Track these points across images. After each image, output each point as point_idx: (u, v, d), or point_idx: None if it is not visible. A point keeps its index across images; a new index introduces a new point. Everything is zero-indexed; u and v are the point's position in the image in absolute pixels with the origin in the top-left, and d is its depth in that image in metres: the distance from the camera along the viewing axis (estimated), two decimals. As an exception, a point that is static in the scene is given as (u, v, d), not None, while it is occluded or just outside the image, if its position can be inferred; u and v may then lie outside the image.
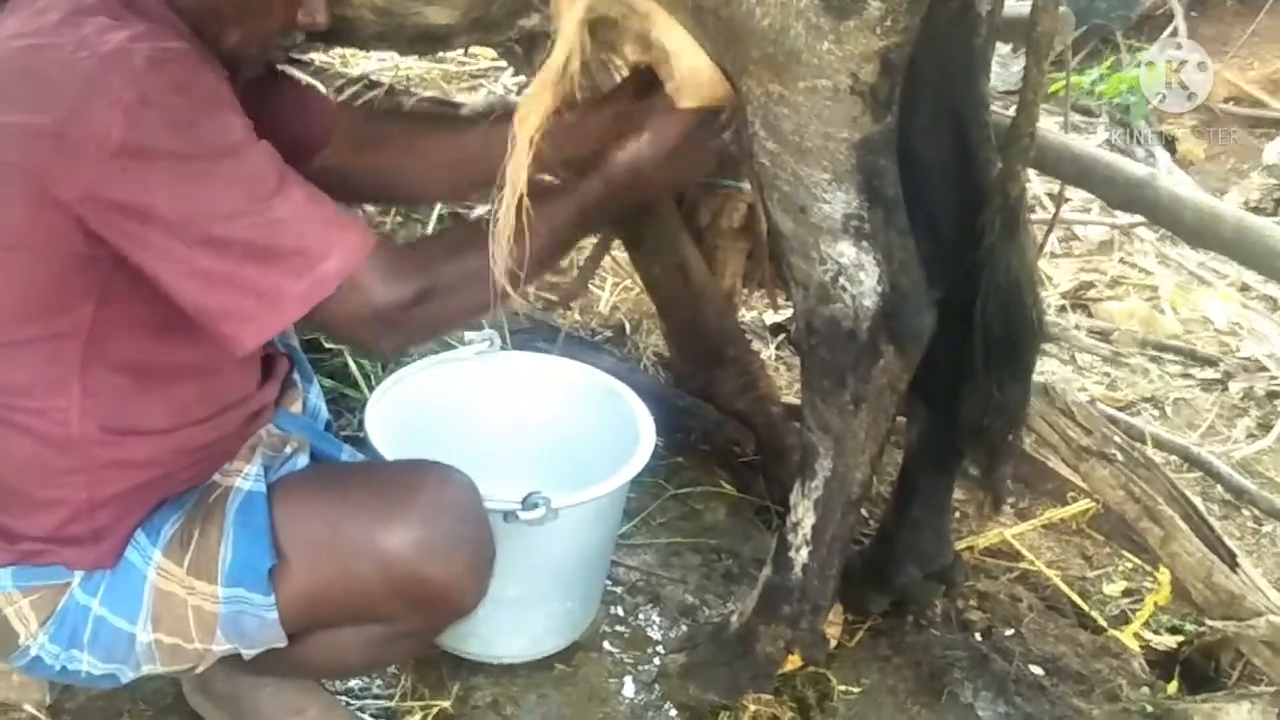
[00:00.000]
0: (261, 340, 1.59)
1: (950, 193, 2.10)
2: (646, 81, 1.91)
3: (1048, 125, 3.50)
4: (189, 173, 1.50)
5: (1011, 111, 1.97)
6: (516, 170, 1.74)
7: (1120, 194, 2.21)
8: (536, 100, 1.75)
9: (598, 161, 1.85)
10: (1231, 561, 2.39)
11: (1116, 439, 2.56)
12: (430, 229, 3.41)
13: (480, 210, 3.37)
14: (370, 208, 3.33)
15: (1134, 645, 2.50)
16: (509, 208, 1.72)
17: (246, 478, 1.78)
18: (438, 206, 3.42)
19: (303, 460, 1.86)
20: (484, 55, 4.21)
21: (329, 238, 1.57)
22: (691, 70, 1.82)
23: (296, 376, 2.07)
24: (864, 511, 2.47)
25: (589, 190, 1.83)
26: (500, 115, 2.39)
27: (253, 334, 1.57)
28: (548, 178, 1.86)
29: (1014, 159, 1.97)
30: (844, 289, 1.91)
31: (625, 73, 2.00)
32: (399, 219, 3.47)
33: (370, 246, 1.59)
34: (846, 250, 1.89)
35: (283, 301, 1.55)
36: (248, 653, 1.78)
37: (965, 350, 2.11)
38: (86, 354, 1.63)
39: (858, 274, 1.90)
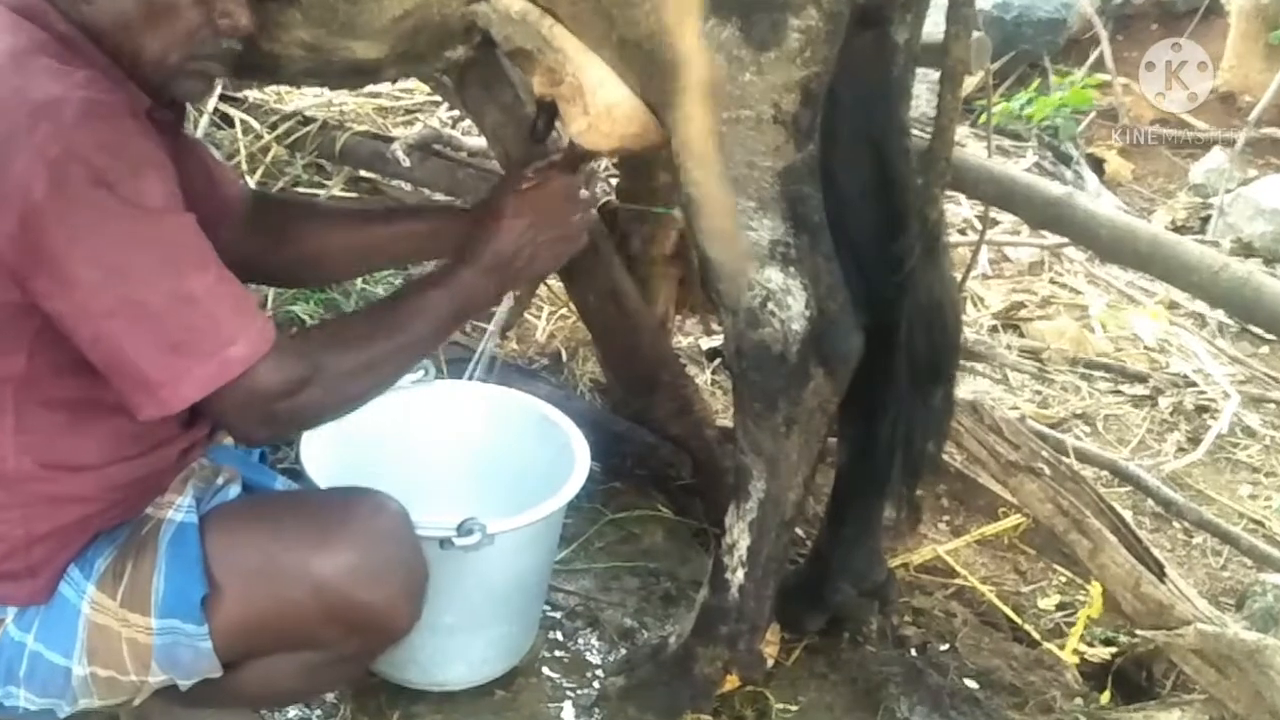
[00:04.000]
0: (161, 414, 1.58)
1: (873, 219, 2.13)
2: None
3: (975, 150, 3.56)
4: (108, 233, 1.50)
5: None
6: None
7: (1039, 213, 2.26)
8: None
9: (467, 253, 1.89)
10: (1159, 572, 2.44)
11: (1044, 454, 2.61)
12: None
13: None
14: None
15: (1070, 659, 2.54)
16: None
17: (178, 509, 1.79)
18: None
19: (234, 491, 1.87)
20: (419, 90, 4.23)
21: (237, 323, 1.58)
22: (608, 106, 1.85)
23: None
24: (799, 531, 2.50)
25: (462, 281, 1.86)
26: (397, 210, 2.48)
27: (154, 406, 1.57)
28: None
29: (932, 183, 2.02)
30: (772, 314, 1.94)
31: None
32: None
33: (273, 337, 1.60)
34: (774, 276, 1.93)
35: (186, 381, 1.55)
36: (184, 683, 1.78)
37: (889, 370, 2.15)
38: (20, 395, 1.63)
39: (785, 299, 1.94)
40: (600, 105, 1.86)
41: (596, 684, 2.32)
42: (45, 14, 1.60)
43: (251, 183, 3.61)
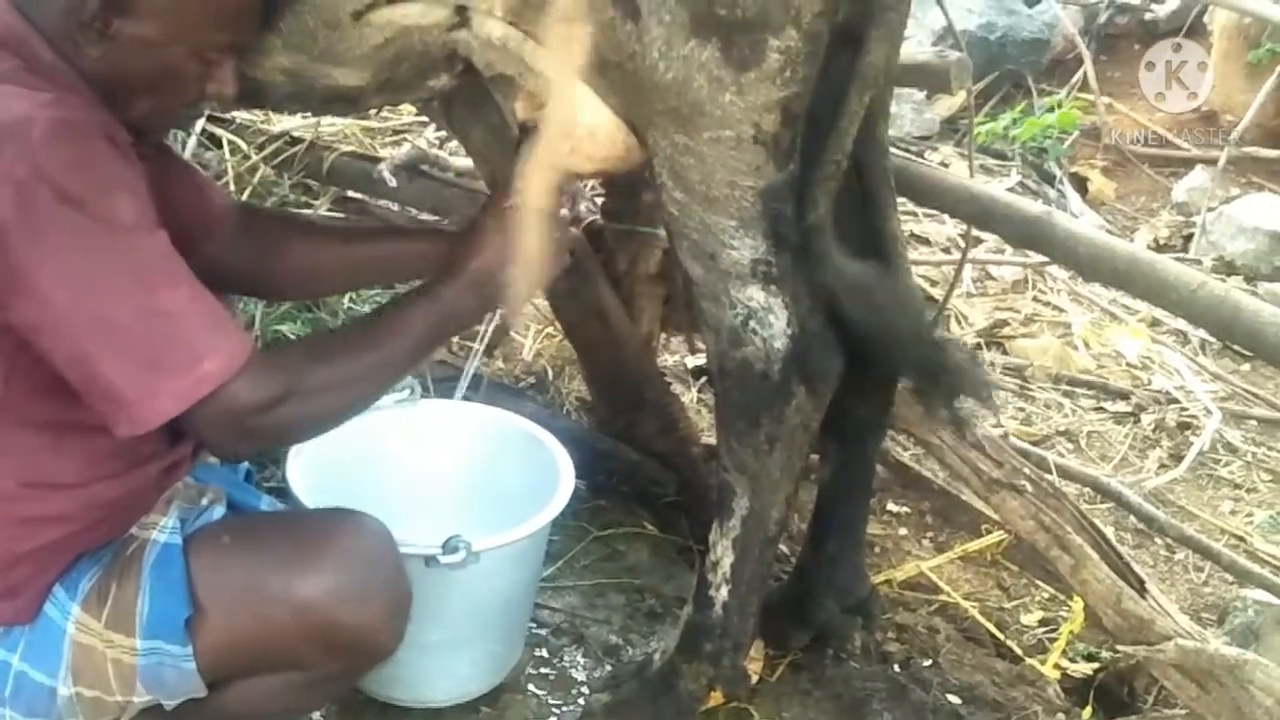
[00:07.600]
0: (137, 431, 1.57)
1: (852, 237, 2.14)
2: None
3: (958, 169, 3.57)
4: (77, 251, 1.51)
5: (925, 158, 2.03)
6: None
7: (1018, 232, 2.27)
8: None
9: (449, 270, 1.89)
10: (1140, 588, 2.44)
11: (1026, 471, 2.61)
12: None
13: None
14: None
15: (1052, 674, 2.55)
16: None
17: (162, 530, 1.79)
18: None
19: (219, 511, 1.87)
20: (406, 110, 4.24)
21: (211, 339, 1.58)
22: (590, 129, 1.87)
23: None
24: (783, 548, 2.51)
25: (443, 299, 1.87)
26: (387, 229, 2.47)
27: (129, 424, 1.56)
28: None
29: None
30: (754, 332, 1.96)
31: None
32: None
33: (248, 352, 1.60)
34: (755, 295, 1.94)
35: (160, 397, 1.55)
36: (169, 703, 1.78)
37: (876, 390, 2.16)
38: None
39: (767, 317, 1.95)
40: (582, 128, 1.87)
41: (582, 700, 2.32)
42: (28, 42, 1.61)
43: (238, 203, 3.61)
